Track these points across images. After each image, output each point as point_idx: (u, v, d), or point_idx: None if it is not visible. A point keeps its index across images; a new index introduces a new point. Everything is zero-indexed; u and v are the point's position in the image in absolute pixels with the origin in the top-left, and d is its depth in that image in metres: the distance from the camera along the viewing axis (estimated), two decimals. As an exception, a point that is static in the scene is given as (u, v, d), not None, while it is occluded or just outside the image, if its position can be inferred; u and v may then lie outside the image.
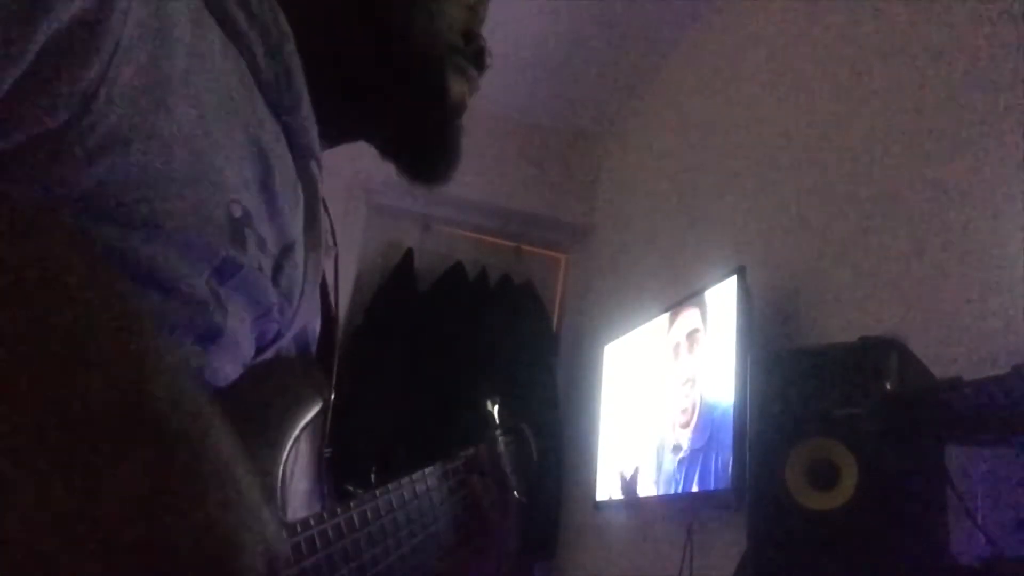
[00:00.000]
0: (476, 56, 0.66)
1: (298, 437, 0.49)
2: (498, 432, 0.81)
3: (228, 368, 0.45)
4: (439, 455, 0.69)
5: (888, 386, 0.99)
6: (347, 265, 2.86)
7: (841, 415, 1.01)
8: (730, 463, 1.50)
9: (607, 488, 2.18)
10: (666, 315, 1.97)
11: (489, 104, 2.90)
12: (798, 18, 1.90)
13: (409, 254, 2.99)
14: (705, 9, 2.36)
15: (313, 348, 0.60)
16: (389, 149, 0.66)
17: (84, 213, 0.36)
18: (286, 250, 0.50)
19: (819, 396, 1.05)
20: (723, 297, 1.65)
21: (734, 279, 1.61)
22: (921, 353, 1.07)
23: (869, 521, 0.96)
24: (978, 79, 1.28)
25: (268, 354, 0.51)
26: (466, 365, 2.81)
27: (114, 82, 0.36)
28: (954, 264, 1.24)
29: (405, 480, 0.60)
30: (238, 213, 0.44)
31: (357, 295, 2.92)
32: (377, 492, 0.56)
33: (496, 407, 0.83)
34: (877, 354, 1.02)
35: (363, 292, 2.93)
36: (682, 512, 1.81)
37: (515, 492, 0.79)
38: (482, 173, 2.91)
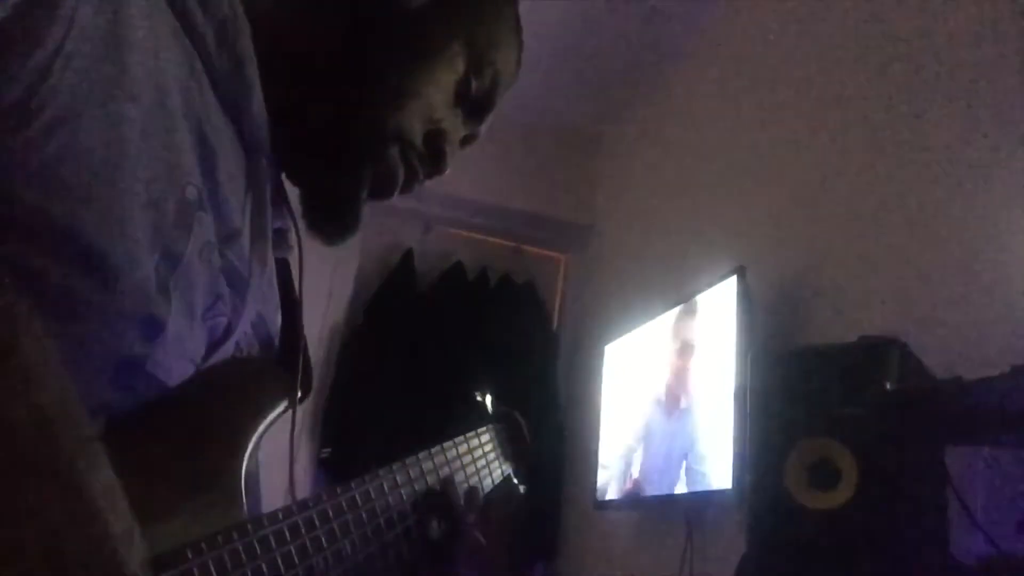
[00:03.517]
0: (433, 157, 0.64)
1: (264, 433, 0.49)
2: (491, 417, 0.81)
3: (174, 364, 0.45)
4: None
5: (888, 386, 0.99)
6: (347, 265, 2.86)
7: (841, 415, 1.01)
8: (730, 463, 1.50)
9: (607, 488, 2.18)
10: (666, 315, 1.97)
11: (489, 104, 2.89)
12: (799, 20, 1.90)
13: (409, 254, 2.99)
14: (706, 10, 2.36)
15: (276, 342, 0.60)
16: (301, 189, 0.64)
17: (37, 189, 0.36)
18: (228, 238, 0.50)
19: (819, 396, 1.04)
20: (723, 297, 1.65)
21: (734, 279, 1.61)
22: (921, 353, 1.07)
23: (869, 521, 0.95)
24: (977, 80, 1.28)
25: (226, 348, 0.51)
26: (466, 365, 2.80)
27: (68, 59, 0.36)
28: (954, 264, 1.24)
29: (382, 471, 0.59)
30: (193, 195, 0.44)
31: (357, 295, 2.92)
32: (353, 484, 0.55)
33: (488, 397, 0.83)
34: (877, 354, 1.02)
35: (363, 292, 2.93)
36: (682, 512, 1.81)
37: (515, 480, 0.79)
38: (482, 173, 2.91)
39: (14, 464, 0.28)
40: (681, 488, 1.73)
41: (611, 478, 2.17)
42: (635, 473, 2.01)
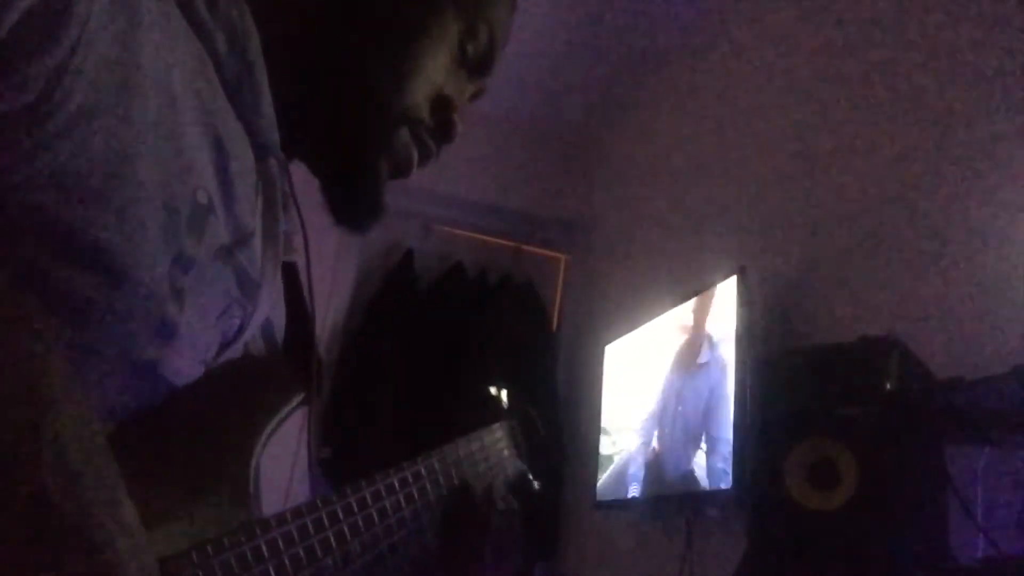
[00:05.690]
0: (442, 128, 0.63)
1: (274, 431, 0.49)
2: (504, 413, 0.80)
3: (186, 367, 0.45)
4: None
5: (888, 386, 0.99)
6: (347, 265, 2.85)
7: (841, 415, 1.01)
8: (730, 463, 1.50)
9: (608, 487, 2.18)
10: (666, 315, 1.97)
11: (488, 104, 2.89)
12: (800, 20, 1.90)
13: (409, 254, 2.99)
14: (705, 10, 2.36)
15: (279, 341, 0.60)
16: (321, 182, 0.63)
17: (49, 191, 0.36)
18: (240, 241, 0.50)
19: (819, 396, 1.05)
20: (723, 297, 1.65)
21: (734, 279, 1.61)
22: (921, 353, 1.07)
23: (869, 521, 0.95)
24: (975, 80, 1.28)
25: (235, 348, 0.51)
26: (466, 365, 2.80)
27: (83, 61, 0.36)
28: (954, 264, 1.24)
29: (393, 470, 0.59)
30: (204, 199, 0.44)
31: (357, 295, 2.92)
32: (364, 483, 0.55)
33: (503, 391, 0.82)
34: (877, 354, 1.02)
35: (363, 292, 2.93)
36: (682, 512, 1.81)
37: (529, 476, 0.78)
38: (482, 173, 2.91)
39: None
40: (681, 488, 1.73)
41: (613, 478, 2.17)
42: (643, 474, 2.01)
